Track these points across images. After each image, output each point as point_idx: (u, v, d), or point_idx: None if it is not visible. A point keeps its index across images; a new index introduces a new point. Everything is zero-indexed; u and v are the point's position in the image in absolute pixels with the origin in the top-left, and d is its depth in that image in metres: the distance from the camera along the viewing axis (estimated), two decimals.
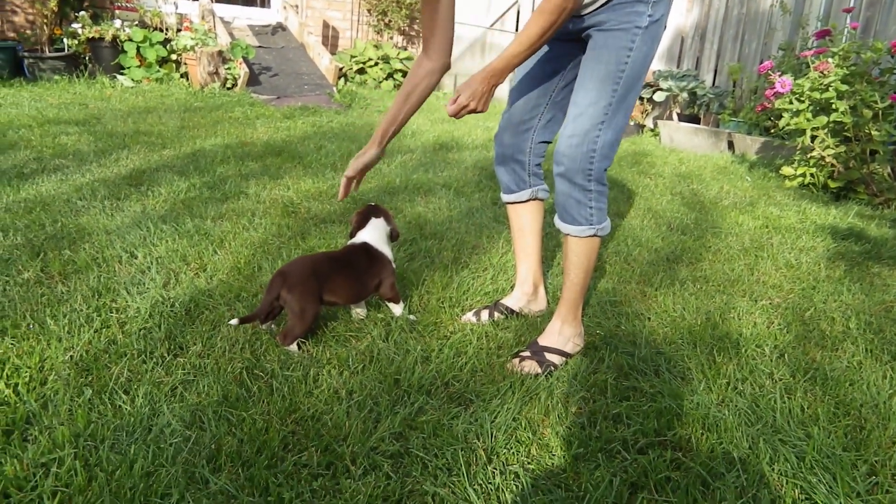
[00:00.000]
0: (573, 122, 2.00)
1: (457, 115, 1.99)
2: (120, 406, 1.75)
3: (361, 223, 2.37)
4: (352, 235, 2.39)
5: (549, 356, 2.13)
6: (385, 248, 2.34)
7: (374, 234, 2.34)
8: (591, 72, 1.99)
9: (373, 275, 2.27)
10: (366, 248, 2.31)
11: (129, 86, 7.17)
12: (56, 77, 7.17)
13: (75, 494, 1.43)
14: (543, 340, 2.19)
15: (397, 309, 2.32)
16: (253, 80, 7.86)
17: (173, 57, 7.60)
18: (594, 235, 2.11)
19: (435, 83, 2.25)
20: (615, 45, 1.95)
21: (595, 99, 1.97)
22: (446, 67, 2.23)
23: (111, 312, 2.24)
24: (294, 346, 2.09)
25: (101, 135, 4.91)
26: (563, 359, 2.15)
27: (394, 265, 2.34)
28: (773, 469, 1.67)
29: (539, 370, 2.08)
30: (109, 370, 1.90)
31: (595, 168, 2.01)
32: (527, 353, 2.14)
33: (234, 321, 2.09)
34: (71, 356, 1.95)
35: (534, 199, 2.43)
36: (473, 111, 1.99)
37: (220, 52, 7.40)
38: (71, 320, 2.15)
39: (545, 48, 2.21)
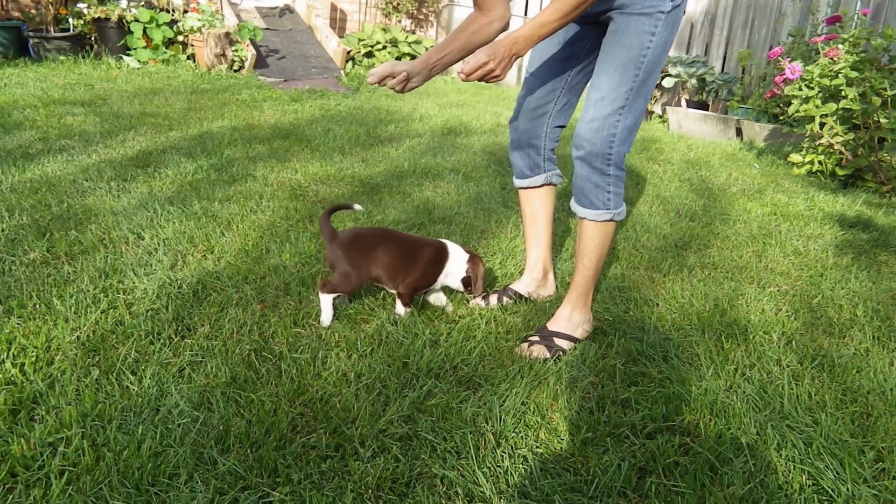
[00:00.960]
0: (594, 107, 1.98)
1: (472, 73, 1.86)
2: (127, 387, 1.75)
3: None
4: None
5: (559, 341, 2.12)
6: (453, 267, 2.26)
7: (455, 250, 2.29)
8: (613, 56, 1.96)
9: (416, 265, 2.20)
10: (441, 248, 2.27)
11: (136, 67, 7.14)
12: (61, 57, 7.14)
13: (83, 474, 1.44)
14: (553, 325, 2.18)
15: (400, 307, 2.24)
16: (260, 63, 7.83)
17: (180, 38, 7.57)
18: (611, 220, 2.10)
19: (495, 31, 2.08)
20: (638, 29, 1.92)
21: (617, 83, 1.95)
22: (506, 20, 2.08)
23: (118, 293, 2.24)
24: (328, 301, 2.13)
25: (108, 116, 4.90)
26: (572, 344, 2.15)
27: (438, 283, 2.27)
28: (780, 455, 1.67)
29: (548, 355, 2.07)
30: (117, 351, 1.91)
31: (614, 153, 1.99)
32: (536, 338, 2.13)
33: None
34: (78, 336, 1.96)
35: (547, 185, 2.41)
36: (491, 73, 1.86)
37: (227, 34, 7.37)
38: (78, 301, 2.15)
39: (561, 31, 2.18)
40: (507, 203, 3.60)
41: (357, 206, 2.35)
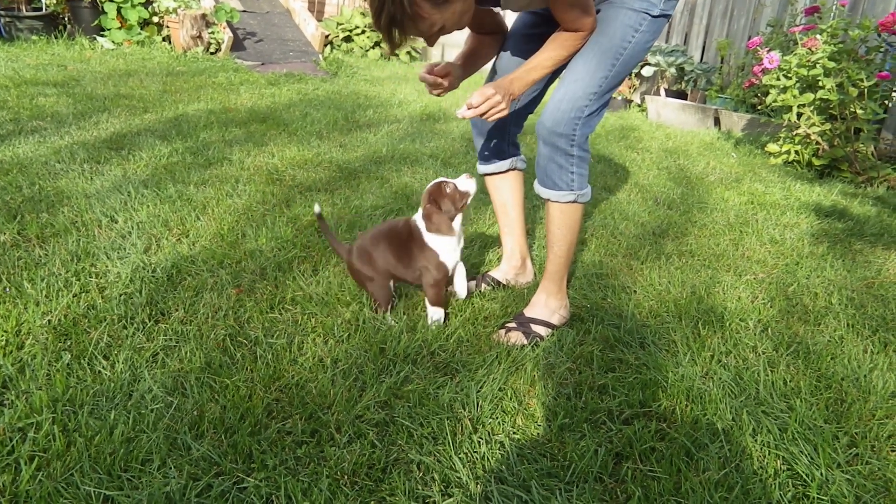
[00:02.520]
0: (566, 87, 1.97)
1: (479, 105, 1.86)
2: (99, 371, 1.72)
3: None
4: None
5: (536, 327, 2.12)
6: (431, 236, 2.10)
7: (419, 219, 2.14)
8: (595, 42, 1.96)
9: (413, 255, 2.12)
10: (409, 225, 2.16)
11: (110, 48, 7.01)
12: (34, 37, 6.99)
13: (53, 459, 1.41)
14: (530, 312, 2.18)
15: (430, 310, 2.13)
16: (237, 46, 7.72)
17: (155, 19, 7.43)
18: (574, 201, 2.09)
19: (500, 44, 2.29)
20: (624, 22, 1.94)
21: (594, 68, 1.95)
22: (506, 30, 2.30)
23: (90, 277, 2.20)
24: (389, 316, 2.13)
25: (81, 97, 4.81)
26: (550, 330, 2.15)
27: (440, 259, 2.10)
28: (755, 440, 1.68)
29: (525, 341, 2.07)
30: (89, 335, 1.87)
31: (578, 135, 1.99)
32: (513, 325, 2.13)
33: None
34: (49, 320, 1.92)
35: (513, 170, 2.40)
36: (497, 104, 1.87)
37: (203, 16, 7.25)
38: (49, 284, 2.11)
39: (538, 18, 2.17)
40: (485, 189, 3.56)
41: (316, 208, 2.28)
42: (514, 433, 1.65)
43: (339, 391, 1.72)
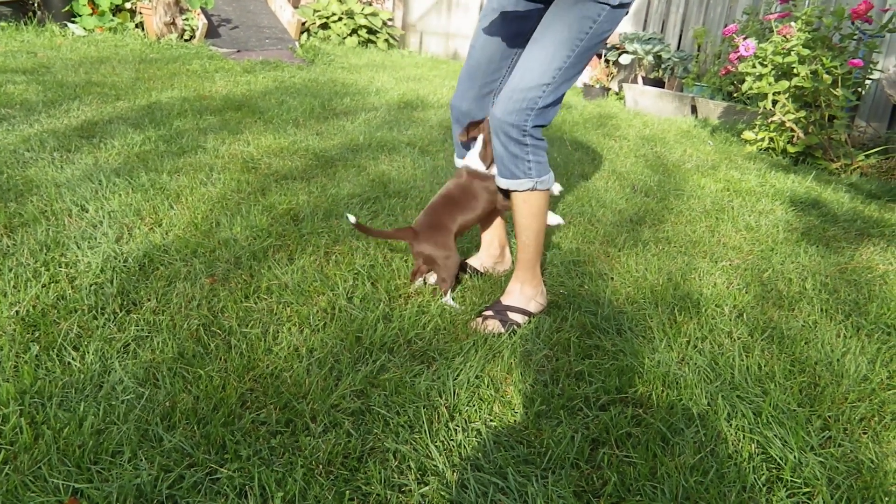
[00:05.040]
0: (519, 76, 1.94)
1: None
2: (69, 363, 1.69)
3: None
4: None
5: (513, 315, 2.12)
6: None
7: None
8: (552, 31, 1.93)
9: (477, 193, 2.24)
10: (462, 175, 2.26)
11: (81, 35, 6.88)
12: (2, 23, 6.84)
13: (20, 452, 1.38)
14: (506, 300, 2.17)
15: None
16: (212, 33, 7.62)
17: (128, 5, 7.31)
18: (534, 188, 2.07)
19: None
20: (582, 13, 1.89)
21: (549, 59, 1.92)
22: None
23: (60, 267, 2.16)
24: (450, 300, 2.20)
25: (51, 84, 4.72)
26: (526, 318, 2.14)
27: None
28: (730, 425, 1.69)
29: (502, 329, 2.06)
30: (58, 326, 1.84)
31: (529, 125, 1.96)
32: (490, 312, 2.12)
33: None
34: (17, 311, 1.88)
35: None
36: None
37: (177, 2, 7.14)
38: (17, 274, 2.07)
39: (510, 7, 2.13)
40: None
41: (351, 219, 2.20)
42: (490, 420, 1.65)
43: (315, 380, 1.70)
